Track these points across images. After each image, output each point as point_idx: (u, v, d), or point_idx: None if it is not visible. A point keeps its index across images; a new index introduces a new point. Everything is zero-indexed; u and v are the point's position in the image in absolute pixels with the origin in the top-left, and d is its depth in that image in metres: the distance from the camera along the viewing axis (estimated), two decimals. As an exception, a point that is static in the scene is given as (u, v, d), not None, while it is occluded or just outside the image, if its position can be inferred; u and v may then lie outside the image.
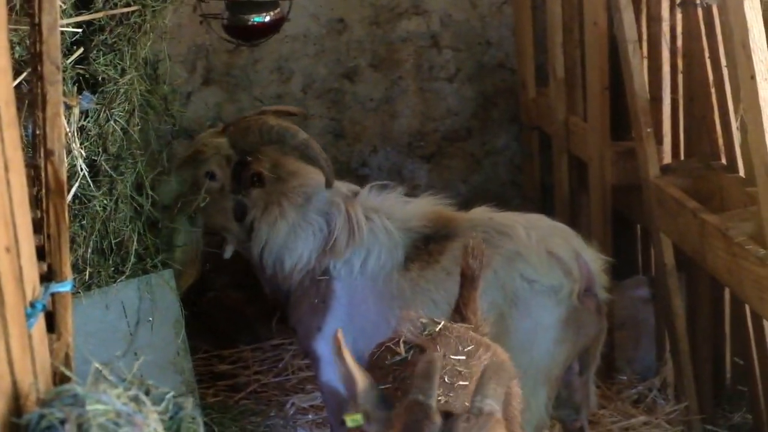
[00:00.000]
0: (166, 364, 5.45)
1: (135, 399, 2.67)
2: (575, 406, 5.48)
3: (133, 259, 5.45)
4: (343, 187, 5.62)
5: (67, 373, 2.95)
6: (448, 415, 3.08)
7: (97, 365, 2.88)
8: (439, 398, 3.48)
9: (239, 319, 7.23)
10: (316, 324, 5.41)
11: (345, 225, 5.40)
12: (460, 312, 4.14)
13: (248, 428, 6.31)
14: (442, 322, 3.85)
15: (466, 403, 3.15)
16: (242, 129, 5.56)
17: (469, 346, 3.77)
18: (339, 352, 3.33)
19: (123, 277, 5.41)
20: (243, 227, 5.54)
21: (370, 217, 5.44)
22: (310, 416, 6.56)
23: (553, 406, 5.32)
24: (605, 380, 6.65)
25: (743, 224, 5.29)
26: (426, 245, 5.37)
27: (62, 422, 2.51)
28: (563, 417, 5.53)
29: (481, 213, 5.47)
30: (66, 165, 3.49)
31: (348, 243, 5.39)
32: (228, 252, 5.62)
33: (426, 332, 3.78)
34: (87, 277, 5.29)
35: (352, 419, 3.29)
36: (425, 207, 5.56)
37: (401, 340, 3.78)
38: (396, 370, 3.66)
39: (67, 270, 3.17)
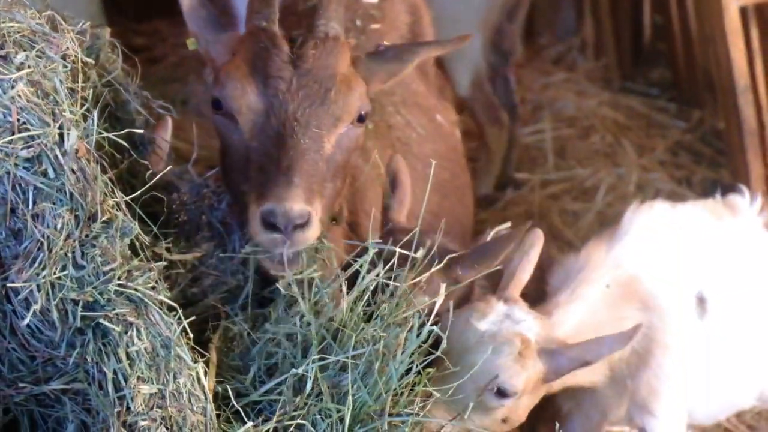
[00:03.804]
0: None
1: (51, 20, 2.61)
2: (504, 52, 5.53)
3: None
4: None
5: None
6: (294, 41, 3.00)
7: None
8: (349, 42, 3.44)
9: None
10: None
11: None
12: None
13: (168, 95, 6.23)
14: None
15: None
16: None
17: None
18: None
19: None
20: None
21: None
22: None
23: None
24: (525, 42, 6.63)
25: None
26: None
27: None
28: (492, 62, 5.57)
29: None
30: None
31: None
32: None
33: None
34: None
35: (190, 42, 3.24)
36: None
37: None
38: (309, 16, 3.59)
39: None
